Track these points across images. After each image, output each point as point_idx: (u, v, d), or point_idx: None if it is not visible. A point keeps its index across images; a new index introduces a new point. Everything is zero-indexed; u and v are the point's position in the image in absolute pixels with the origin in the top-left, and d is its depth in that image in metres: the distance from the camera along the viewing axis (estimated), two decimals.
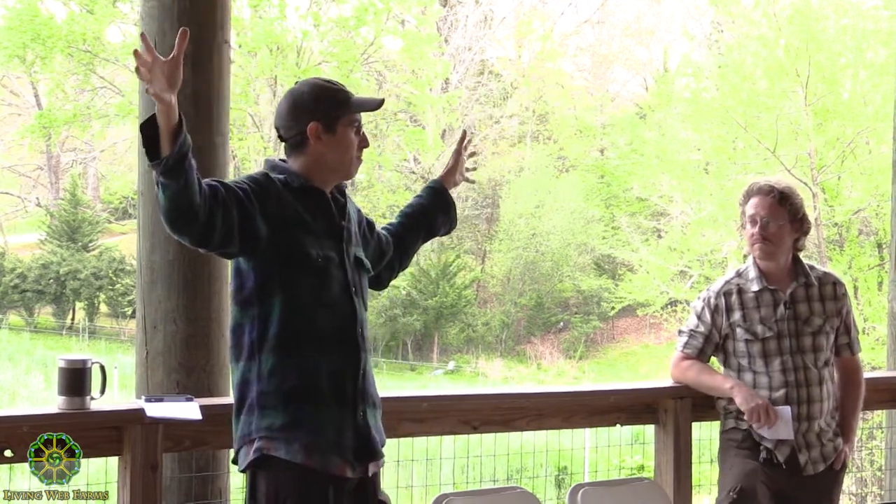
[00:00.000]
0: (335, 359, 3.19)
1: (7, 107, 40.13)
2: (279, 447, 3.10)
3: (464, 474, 6.47)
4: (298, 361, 3.13)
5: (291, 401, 3.11)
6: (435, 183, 3.81)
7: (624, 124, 38.64)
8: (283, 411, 3.11)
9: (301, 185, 3.21)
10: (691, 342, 4.33)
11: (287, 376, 3.12)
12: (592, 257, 36.71)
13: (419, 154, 36.18)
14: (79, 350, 29.45)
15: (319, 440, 3.13)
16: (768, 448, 4.15)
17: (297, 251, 3.15)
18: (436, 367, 33.15)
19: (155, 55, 2.86)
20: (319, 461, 3.12)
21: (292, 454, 3.10)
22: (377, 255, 3.54)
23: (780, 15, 23.28)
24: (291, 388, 3.11)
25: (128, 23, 32.03)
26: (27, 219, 40.37)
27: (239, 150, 31.16)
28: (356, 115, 3.27)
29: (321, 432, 3.13)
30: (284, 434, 3.10)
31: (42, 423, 3.52)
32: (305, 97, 3.24)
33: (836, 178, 22.92)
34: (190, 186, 2.89)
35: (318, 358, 3.15)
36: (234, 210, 3.03)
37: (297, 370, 3.13)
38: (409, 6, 34.35)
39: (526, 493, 4.07)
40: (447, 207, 3.78)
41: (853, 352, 4.39)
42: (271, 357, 3.13)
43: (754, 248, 4.22)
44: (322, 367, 3.15)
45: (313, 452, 3.11)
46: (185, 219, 2.93)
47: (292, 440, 3.10)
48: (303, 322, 3.15)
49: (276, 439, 3.10)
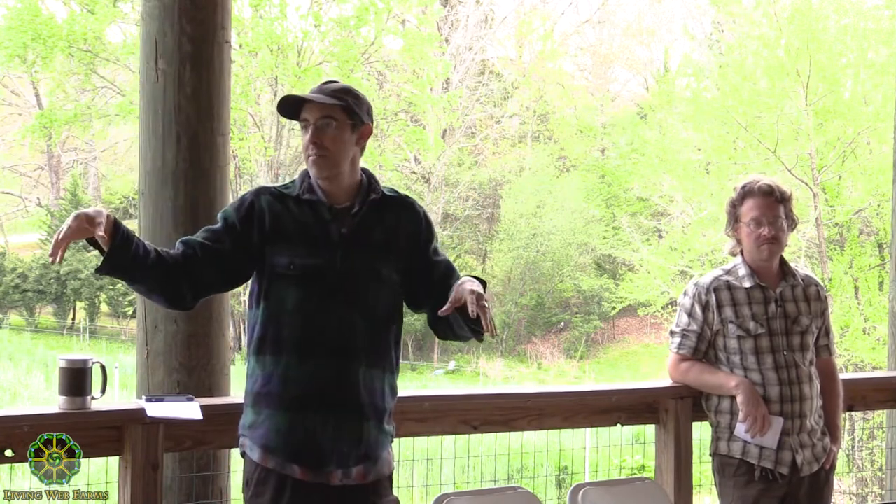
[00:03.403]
0: (303, 365, 3.25)
1: (8, 106, 40.10)
2: (248, 444, 3.32)
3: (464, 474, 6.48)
4: (264, 366, 3.29)
5: (257, 402, 3.30)
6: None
7: (625, 124, 38.64)
8: (252, 411, 3.32)
9: (298, 193, 3.33)
10: (685, 342, 4.32)
11: (257, 379, 3.30)
12: (593, 257, 36.70)
13: (420, 154, 36.15)
14: (80, 350, 29.46)
15: (273, 442, 3.25)
16: (764, 467, 4.15)
17: (274, 261, 3.28)
18: (436, 367, 33.15)
19: (60, 243, 3.05)
20: (275, 463, 3.25)
21: (253, 453, 3.29)
22: (413, 273, 3.41)
23: (780, 15, 23.26)
24: (257, 391, 3.29)
25: (129, 23, 32.01)
26: (28, 219, 40.36)
27: (240, 150, 31.14)
28: (302, 118, 3.32)
29: (275, 435, 3.25)
30: (250, 433, 3.31)
31: (43, 423, 3.52)
32: (365, 100, 3.45)
33: (836, 177, 22.89)
34: (148, 282, 3.22)
35: (279, 363, 3.26)
36: (213, 262, 3.28)
37: (262, 373, 3.29)
38: (409, 6, 34.33)
39: (526, 492, 4.07)
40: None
41: (831, 353, 4.43)
42: (251, 359, 3.32)
43: (762, 249, 4.21)
44: (282, 372, 3.25)
45: (269, 454, 3.25)
46: (176, 304, 3.34)
47: (255, 439, 3.29)
48: (273, 329, 3.28)
49: (246, 437, 3.32)
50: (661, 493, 4.36)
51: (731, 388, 4.20)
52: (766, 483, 4.16)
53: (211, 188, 4.52)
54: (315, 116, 3.28)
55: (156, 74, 4.48)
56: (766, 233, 4.19)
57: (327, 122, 3.27)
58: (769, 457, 4.15)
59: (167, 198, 4.46)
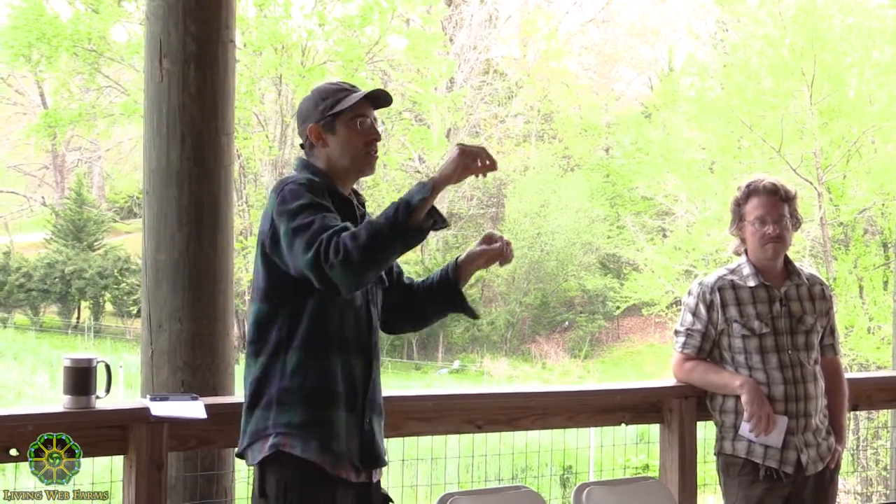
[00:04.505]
0: (351, 364, 3.22)
1: (12, 106, 40.16)
2: (295, 444, 3.12)
3: (468, 473, 6.48)
4: (321, 362, 3.16)
5: (311, 400, 3.15)
6: (450, 271, 3.49)
7: (629, 123, 38.61)
8: (303, 409, 3.14)
9: (329, 188, 3.24)
10: (689, 341, 4.31)
11: (309, 376, 3.15)
12: (597, 256, 36.69)
13: (424, 153, 36.15)
14: (84, 349, 29.46)
15: (333, 442, 3.15)
16: (769, 467, 4.15)
17: None
18: (441, 367, 33.15)
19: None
20: (331, 462, 3.15)
21: (308, 452, 3.12)
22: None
23: (785, 14, 23.24)
24: (312, 388, 3.15)
25: (133, 22, 32.01)
26: (32, 218, 40.41)
27: (244, 150, 31.14)
28: (359, 110, 3.27)
29: (335, 434, 3.16)
30: (302, 432, 3.13)
31: (47, 423, 3.52)
32: (308, 102, 3.32)
33: (841, 177, 22.86)
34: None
35: (337, 361, 3.18)
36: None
37: (318, 371, 3.16)
38: (414, 5, 34.31)
39: (531, 492, 4.07)
40: (448, 303, 3.50)
41: (836, 352, 4.42)
42: (296, 355, 3.15)
43: (766, 248, 4.21)
44: (340, 370, 3.19)
45: (326, 453, 3.14)
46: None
47: (309, 438, 3.13)
48: (330, 324, 3.18)
49: (294, 436, 3.13)
50: (666, 492, 4.36)
51: (736, 388, 4.20)
52: (771, 482, 4.15)
53: (215, 187, 4.52)
54: (373, 115, 3.32)
55: (160, 74, 4.48)
56: (770, 232, 4.19)
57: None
58: (774, 456, 4.15)
59: (171, 197, 4.45)
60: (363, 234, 2.96)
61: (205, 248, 4.47)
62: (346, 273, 2.97)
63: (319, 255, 2.98)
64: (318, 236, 2.99)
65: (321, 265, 2.97)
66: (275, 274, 3.17)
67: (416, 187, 3.03)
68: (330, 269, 2.97)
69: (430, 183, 3.03)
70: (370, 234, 2.96)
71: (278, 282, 3.17)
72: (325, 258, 2.97)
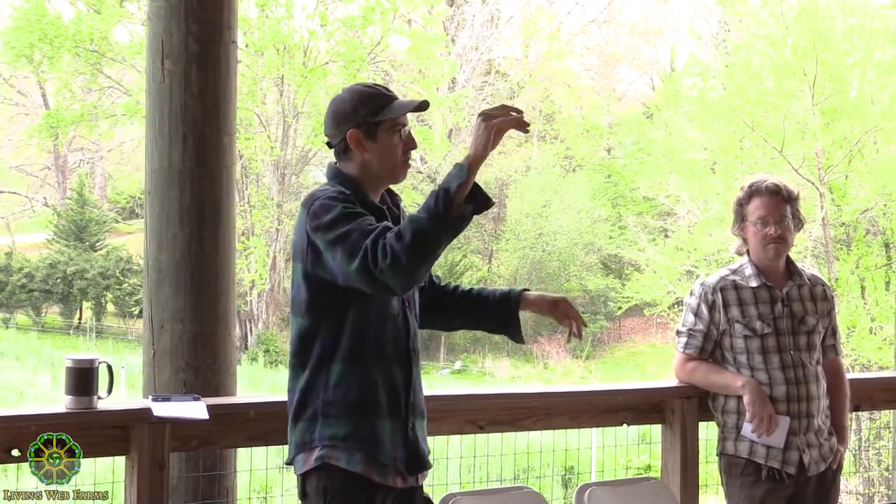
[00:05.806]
0: (392, 372, 3.22)
1: (14, 106, 40.22)
2: (340, 457, 3.14)
3: (470, 474, 6.47)
4: (362, 373, 3.16)
5: (354, 412, 3.15)
6: (514, 298, 3.65)
7: (631, 124, 38.61)
8: (347, 422, 3.15)
9: (362, 198, 3.19)
10: (691, 342, 4.31)
11: (351, 387, 3.15)
12: (599, 257, 36.69)
13: (426, 153, 36.16)
14: (86, 349, 29.47)
15: (379, 452, 3.16)
16: (771, 467, 4.15)
17: None
18: (442, 367, 33.14)
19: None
20: (378, 472, 3.16)
21: (353, 464, 3.13)
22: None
23: (787, 14, 23.22)
24: (355, 400, 3.15)
25: (135, 22, 32.04)
26: (34, 218, 40.45)
27: (246, 150, 31.15)
28: (399, 118, 3.24)
29: (380, 444, 3.16)
30: (347, 444, 3.14)
31: (49, 423, 3.52)
32: (346, 104, 3.24)
33: (843, 177, 22.84)
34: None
35: (378, 370, 3.18)
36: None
37: (360, 382, 3.16)
38: (415, 5, 34.34)
39: (533, 492, 4.07)
40: (498, 323, 3.63)
41: (838, 353, 4.41)
42: (339, 367, 3.16)
43: (768, 248, 4.21)
44: (381, 379, 3.19)
45: (372, 464, 3.15)
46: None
47: (354, 451, 3.14)
48: (370, 334, 3.17)
49: (339, 448, 3.14)
50: (668, 492, 4.35)
51: (738, 388, 4.19)
52: (773, 483, 4.15)
53: (217, 188, 4.52)
54: (408, 123, 3.30)
55: (162, 74, 4.48)
56: (772, 232, 4.19)
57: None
58: (776, 456, 4.15)
59: (173, 197, 4.46)
60: (407, 233, 2.92)
61: (206, 249, 4.47)
62: (397, 274, 2.94)
63: (367, 261, 2.94)
64: (361, 243, 2.97)
65: (370, 271, 2.94)
66: (315, 287, 3.16)
67: (454, 171, 2.98)
68: (380, 273, 2.94)
69: (465, 164, 2.99)
70: (414, 232, 2.92)
71: (319, 295, 3.16)
72: (373, 264, 2.93)
